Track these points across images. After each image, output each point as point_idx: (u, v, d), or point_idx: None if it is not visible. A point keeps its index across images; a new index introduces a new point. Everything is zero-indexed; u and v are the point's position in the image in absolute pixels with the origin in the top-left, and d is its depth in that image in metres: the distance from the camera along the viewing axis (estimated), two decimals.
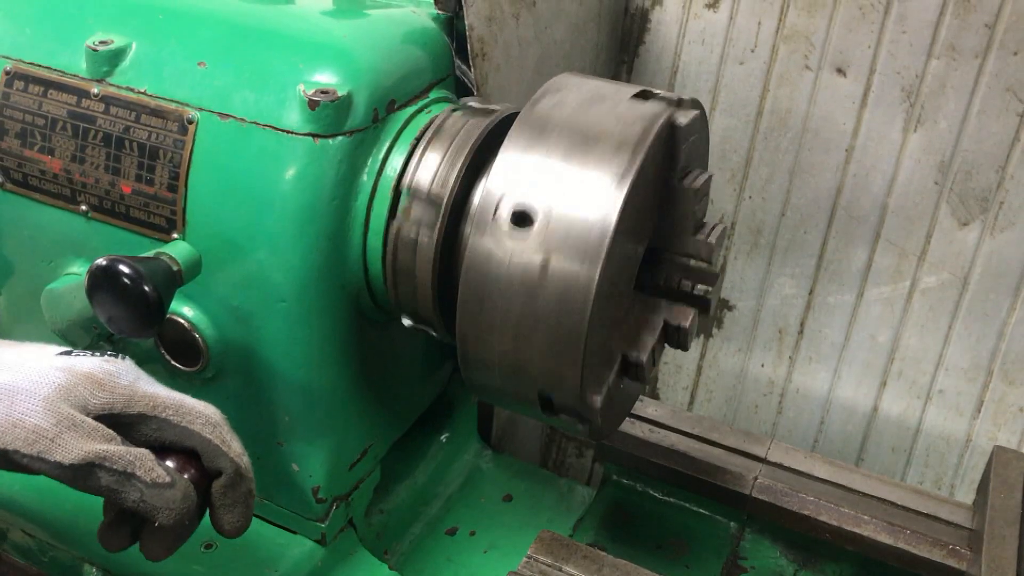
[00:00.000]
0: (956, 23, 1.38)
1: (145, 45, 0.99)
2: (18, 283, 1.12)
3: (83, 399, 0.77)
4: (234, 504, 0.82)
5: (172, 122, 0.95)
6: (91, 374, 0.79)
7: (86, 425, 0.76)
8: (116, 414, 0.79)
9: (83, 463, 0.74)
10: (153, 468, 0.77)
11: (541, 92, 0.91)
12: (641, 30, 1.57)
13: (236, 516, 0.83)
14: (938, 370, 1.59)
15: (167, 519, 0.77)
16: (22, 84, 1.02)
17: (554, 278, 0.82)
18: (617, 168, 0.83)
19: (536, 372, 0.86)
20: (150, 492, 0.76)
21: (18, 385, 0.76)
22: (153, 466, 0.77)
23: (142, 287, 0.83)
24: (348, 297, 0.99)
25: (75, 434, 0.75)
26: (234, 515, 0.83)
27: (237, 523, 0.83)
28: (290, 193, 0.91)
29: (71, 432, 0.75)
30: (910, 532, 1.12)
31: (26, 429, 0.74)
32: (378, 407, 1.12)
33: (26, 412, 0.75)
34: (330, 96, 0.89)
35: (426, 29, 1.05)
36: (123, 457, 0.76)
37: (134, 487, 0.76)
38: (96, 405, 0.78)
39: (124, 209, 0.99)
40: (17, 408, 0.75)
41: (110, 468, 0.75)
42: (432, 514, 1.28)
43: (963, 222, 1.49)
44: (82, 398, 0.77)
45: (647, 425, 1.25)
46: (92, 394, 0.78)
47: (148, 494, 0.76)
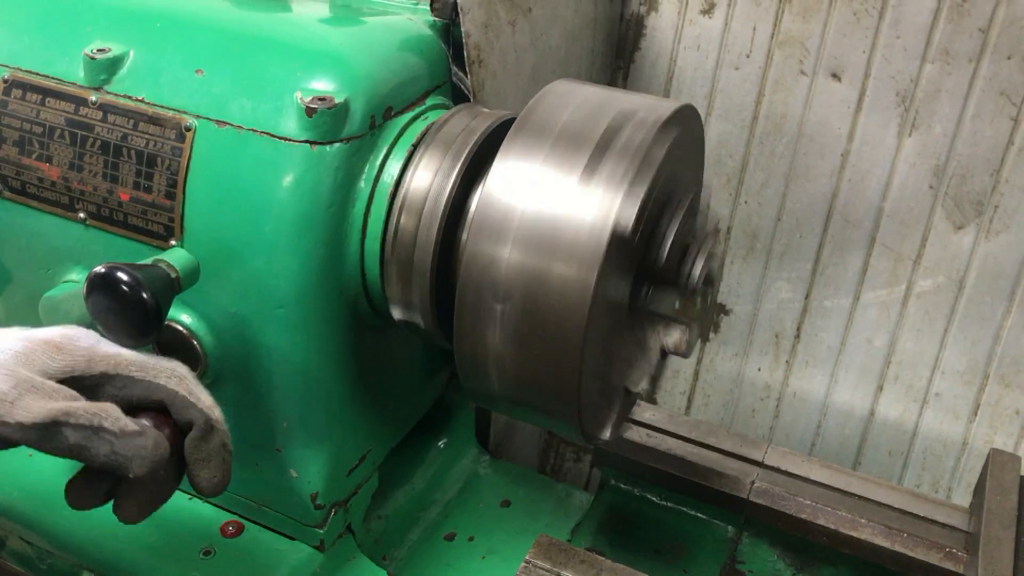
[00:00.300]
0: (950, 28, 1.39)
1: (143, 53, 0.99)
2: (16, 290, 1.12)
3: (43, 363, 0.77)
4: (208, 458, 0.82)
5: (170, 130, 0.95)
6: (49, 339, 0.79)
7: (47, 387, 0.76)
8: (79, 376, 0.79)
9: (47, 422, 0.74)
10: (120, 418, 0.76)
11: (537, 98, 0.91)
12: (637, 36, 1.58)
13: (212, 471, 0.83)
14: (934, 373, 1.59)
15: (141, 467, 0.76)
16: (20, 92, 1.02)
17: (551, 283, 0.83)
18: (615, 174, 0.83)
19: (533, 378, 0.86)
20: (120, 443, 0.75)
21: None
22: (120, 416, 0.77)
23: (140, 294, 0.83)
24: (346, 303, 0.99)
25: (36, 395, 0.75)
26: (210, 470, 0.83)
27: (214, 479, 0.83)
28: (288, 200, 0.92)
29: (32, 394, 0.75)
30: (907, 535, 1.12)
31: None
32: (376, 413, 1.12)
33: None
34: (327, 103, 0.90)
35: (423, 36, 1.05)
36: (87, 410, 0.75)
37: (103, 440, 0.75)
38: (56, 368, 0.78)
39: (122, 217, 0.99)
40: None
41: (76, 424, 0.74)
42: (430, 520, 1.29)
43: (958, 226, 1.49)
44: (41, 362, 0.77)
45: (644, 429, 1.25)
46: (51, 358, 0.78)
47: (118, 445, 0.75)
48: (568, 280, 0.82)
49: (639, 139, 0.85)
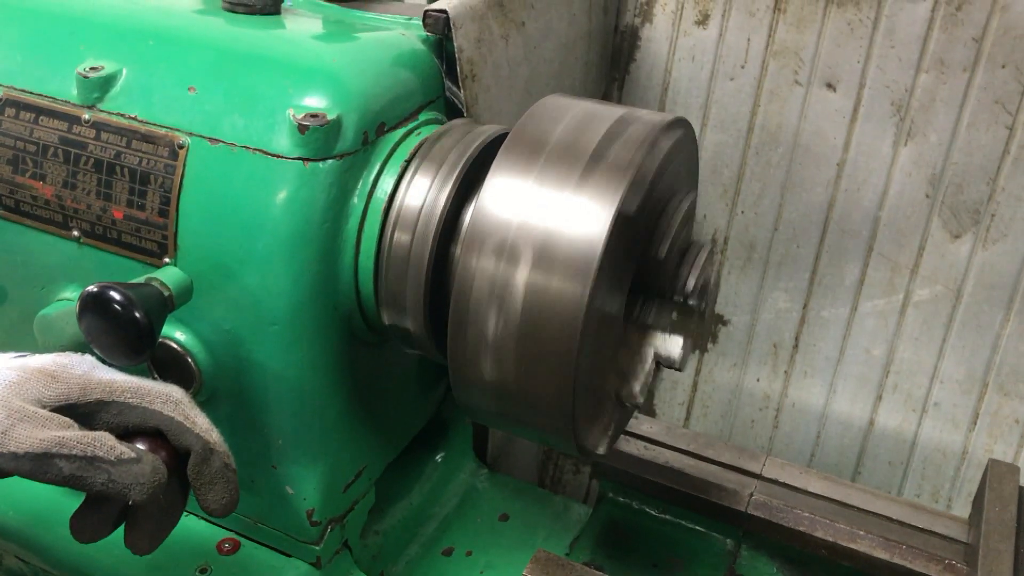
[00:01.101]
0: (944, 37, 1.39)
1: (135, 71, 0.99)
2: (10, 308, 1.12)
3: (37, 392, 0.77)
4: (212, 481, 0.83)
5: (163, 147, 0.95)
6: (43, 368, 0.79)
7: (40, 416, 0.76)
8: (73, 404, 0.79)
9: (40, 452, 0.74)
10: (115, 446, 0.76)
11: (529, 113, 0.91)
12: (631, 47, 1.58)
13: (219, 493, 0.83)
14: (933, 383, 1.59)
15: (139, 494, 0.76)
16: (13, 111, 1.02)
17: (545, 297, 0.83)
18: (607, 188, 0.83)
19: (528, 394, 0.86)
20: (117, 471, 0.75)
21: None
22: (115, 444, 0.77)
23: (133, 314, 0.83)
24: (340, 319, 0.99)
25: (28, 425, 0.75)
26: (216, 492, 0.83)
27: (222, 500, 0.83)
28: (281, 217, 0.91)
29: (24, 423, 0.75)
30: (906, 547, 1.12)
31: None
32: (372, 428, 1.12)
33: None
34: (320, 120, 0.90)
35: (416, 52, 1.05)
36: (81, 441, 0.75)
37: (99, 469, 0.75)
38: (51, 397, 0.78)
39: (116, 234, 0.99)
40: None
41: (69, 455, 0.75)
42: (428, 535, 1.28)
43: (955, 234, 1.49)
44: (36, 391, 0.77)
45: (642, 442, 1.25)
46: (46, 386, 0.78)
47: (115, 473, 0.75)
48: (561, 294, 0.82)
49: (631, 153, 0.85)
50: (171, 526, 0.84)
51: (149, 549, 0.83)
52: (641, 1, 1.55)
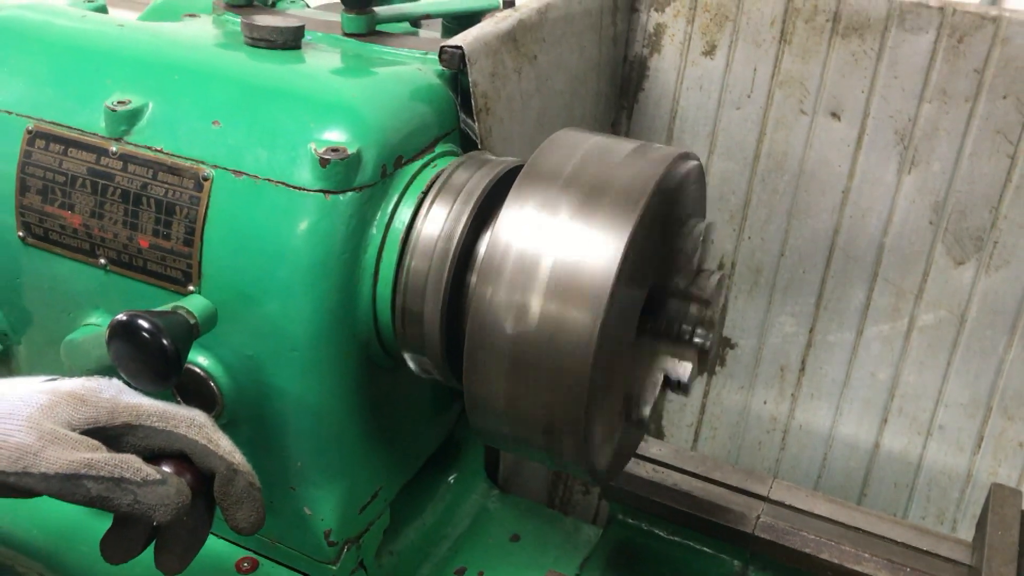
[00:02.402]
0: (946, 68, 1.42)
1: (161, 105, 1.02)
2: (36, 332, 1.15)
3: (67, 415, 0.80)
4: (239, 501, 0.85)
5: (188, 179, 0.98)
6: (73, 391, 0.82)
7: (70, 438, 0.79)
8: (102, 427, 0.82)
9: (69, 473, 0.77)
10: (141, 468, 0.79)
11: (543, 147, 0.94)
12: (640, 77, 1.62)
13: (246, 512, 0.86)
14: (938, 406, 1.61)
15: (164, 515, 0.79)
16: (43, 143, 1.05)
17: (557, 326, 0.85)
18: (618, 218, 0.86)
19: (541, 419, 0.89)
20: (143, 492, 0.78)
21: (2, 411, 0.79)
22: (141, 466, 0.79)
23: (161, 341, 0.86)
24: (358, 345, 1.01)
25: (59, 447, 0.78)
26: (244, 511, 0.86)
27: (250, 519, 0.86)
28: (302, 247, 0.95)
29: (55, 445, 0.78)
30: (910, 569, 1.14)
31: (10, 448, 0.77)
32: (388, 450, 1.14)
33: (9, 432, 0.78)
34: (340, 154, 0.93)
35: (432, 86, 1.09)
36: (108, 463, 0.78)
37: (126, 491, 0.78)
38: (80, 420, 0.81)
39: (141, 263, 1.02)
40: (1, 431, 0.78)
41: (97, 476, 0.77)
42: (441, 555, 1.30)
43: (959, 261, 1.52)
44: (66, 414, 0.80)
45: (651, 465, 1.27)
46: (76, 409, 0.81)
47: (140, 494, 0.78)
48: (574, 323, 0.84)
49: (640, 185, 0.88)
50: (199, 546, 0.87)
51: (179, 569, 0.86)
52: (649, 32, 1.58)
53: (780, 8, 1.48)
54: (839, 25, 1.46)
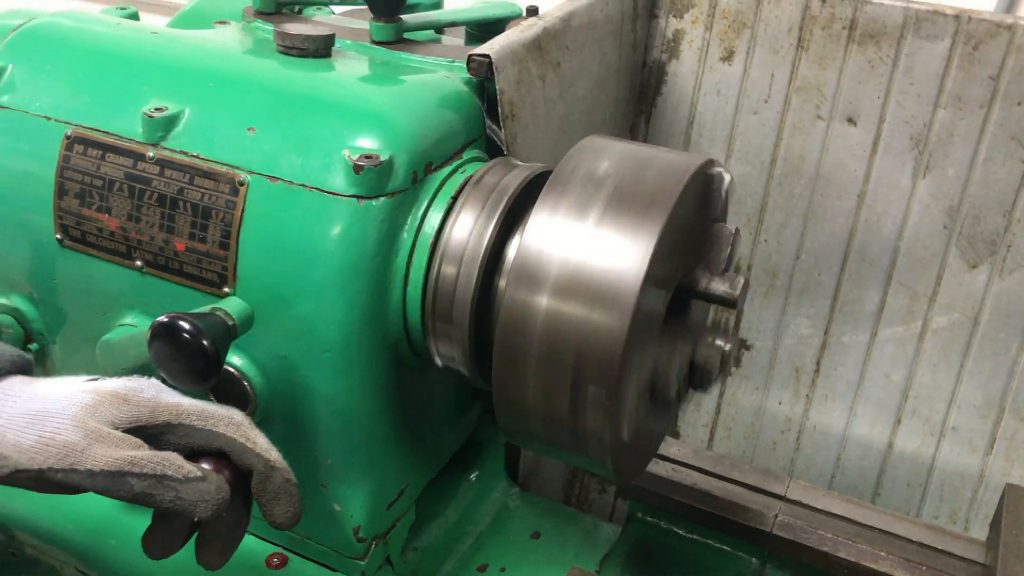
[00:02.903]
0: (961, 75, 1.44)
1: (197, 111, 1.05)
2: (72, 332, 1.18)
3: (110, 414, 0.83)
4: (276, 496, 0.88)
5: (224, 184, 1.01)
6: (116, 391, 0.85)
7: (114, 436, 0.81)
8: (143, 426, 0.84)
9: (114, 470, 0.80)
10: (183, 466, 0.82)
11: (570, 154, 0.96)
12: (658, 82, 1.64)
13: (283, 507, 0.89)
14: (951, 407, 1.63)
15: (205, 511, 0.82)
16: (82, 148, 1.08)
17: (586, 330, 0.88)
18: (646, 224, 0.88)
19: (569, 420, 0.91)
20: (184, 488, 0.81)
21: (48, 410, 0.82)
22: (182, 464, 0.82)
23: (201, 342, 0.89)
24: (388, 346, 1.04)
25: (104, 445, 0.80)
26: (281, 507, 0.89)
27: (288, 513, 0.89)
28: (335, 251, 0.97)
29: (100, 443, 0.80)
30: (926, 568, 1.16)
31: (57, 446, 0.80)
32: (414, 449, 1.17)
33: (56, 431, 0.81)
34: (373, 161, 0.95)
35: (459, 93, 1.11)
36: (151, 460, 0.81)
37: (168, 487, 0.81)
38: (123, 419, 0.83)
39: (178, 265, 1.05)
40: (48, 429, 0.81)
41: (140, 474, 0.80)
42: (463, 551, 1.33)
43: (972, 264, 1.54)
44: (109, 414, 0.83)
45: (670, 464, 1.30)
46: (118, 408, 0.83)
47: (182, 490, 0.81)
48: (601, 326, 0.87)
49: (667, 190, 0.91)
50: (238, 542, 0.90)
51: (219, 564, 0.88)
52: (668, 38, 1.61)
53: (797, 15, 1.51)
54: (856, 32, 1.48)
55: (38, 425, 0.81)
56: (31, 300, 1.18)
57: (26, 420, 0.81)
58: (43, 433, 0.81)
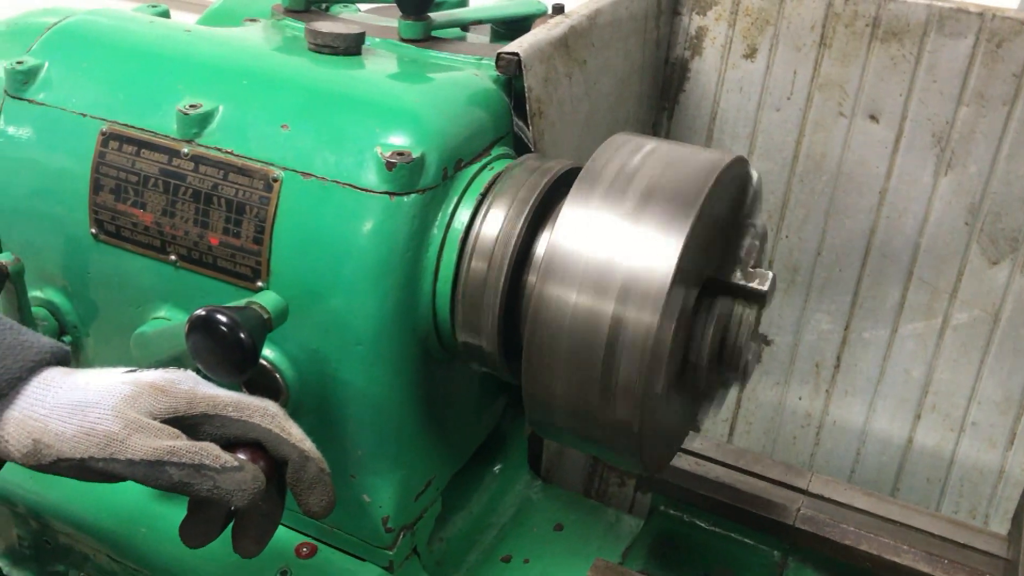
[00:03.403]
0: (984, 72, 1.45)
1: (231, 109, 1.07)
2: (105, 325, 1.20)
3: (148, 405, 0.84)
4: (311, 486, 0.90)
5: (258, 180, 1.03)
6: (154, 383, 0.86)
7: (152, 427, 0.83)
8: (181, 416, 0.86)
9: (153, 460, 0.81)
10: (220, 456, 0.84)
11: (600, 151, 0.98)
12: (681, 79, 1.65)
13: (318, 496, 0.91)
14: (971, 403, 1.64)
15: (241, 500, 0.84)
16: (117, 144, 1.10)
17: (615, 324, 0.89)
18: (675, 220, 0.89)
19: (598, 414, 0.93)
20: (221, 478, 0.83)
21: (89, 400, 0.84)
22: (220, 454, 0.84)
23: (238, 334, 0.91)
24: (418, 340, 1.06)
25: (143, 435, 0.82)
26: (316, 496, 0.90)
27: (322, 503, 0.91)
28: (367, 246, 0.99)
29: (139, 433, 0.82)
30: (947, 561, 1.17)
31: (98, 435, 0.82)
32: (441, 441, 1.19)
33: (97, 420, 0.82)
34: (405, 158, 0.97)
35: (487, 91, 1.13)
36: (190, 450, 0.83)
37: (205, 476, 0.82)
38: (161, 410, 0.85)
39: (211, 259, 1.07)
40: (89, 419, 0.83)
41: (179, 463, 0.82)
42: (488, 542, 1.35)
43: (993, 261, 1.55)
44: (148, 404, 0.84)
45: (693, 458, 1.31)
46: (156, 400, 0.85)
47: (219, 480, 0.83)
48: (633, 322, 0.88)
49: (695, 187, 0.92)
50: (273, 530, 0.92)
51: (256, 552, 0.91)
52: (691, 35, 1.62)
53: (820, 13, 1.51)
54: (878, 30, 1.48)
55: (79, 415, 0.83)
56: (65, 293, 1.20)
57: (68, 410, 0.83)
58: (84, 423, 0.82)
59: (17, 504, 1.25)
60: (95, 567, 1.26)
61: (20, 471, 0.88)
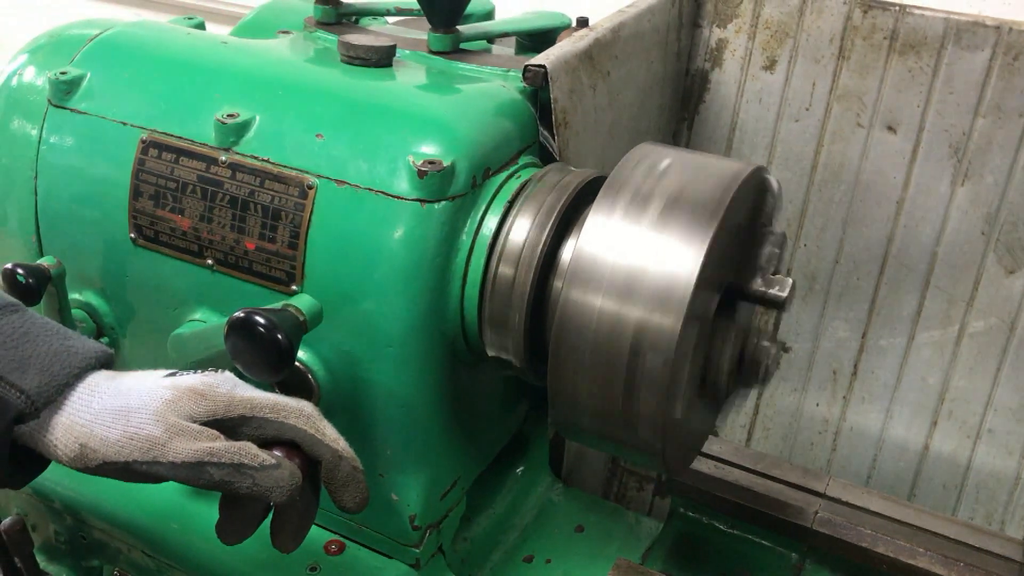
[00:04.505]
0: (1001, 84, 1.47)
1: (267, 118, 1.10)
2: (141, 326, 1.24)
3: (188, 409, 0.88)
4: (345, 484, 0.93)
5: (293, 187, 1.06)
6: (193, 387, 0.89)
7: (192, 429, 0.86)
8: (219, 419, 0.89)
9: (194, 461, 0.85)
10: (258, 454, 0.87)
11: (624, 160, 1.01)
12: (701, 90, 1.68)
13: (351, 493, 0.94)
14: (987, 410, 1.66)
15: (280, 496, 0.87)
16: (156, 152, 1.14)
17: (639, 330, 0.92)
18: (698, 228, 0.92)
19: (622, 416, 0.96)
20: (260, 475, 0.86)
21: (132, 405, 0.87)
22: (257, 452, 0.87)
23: (275, 335, 0.95)
24: (446, 343, 1.09)
25: (184, 438, 0.85)
26: (350, 493, 0.94)
27: (356, 499, 0.94)
28: (399, 251, 1.02)
29: (180, 437, 0.85)
30: (963, 564, 1.19)
31: (141, 439, 0.85)
32: (466, 441, 1.21)
33: (140, 425, 0.86)
34: (436, 166, 1.01)
35: (514, 101, 1.16)
36: (228, 450, 0.86)
37: (245, 475, 0.86)
38: (201, 413, 0.88)
39: (247, 264, 1.10)
40: (132, 424, 0.86)
41: (219, 463, 0.85)
42: (510, 543, 1.37)
43: (1009, 270, 1.57)
44: (187, 408, 0.88)
45: (712, 461, 1.34)
46: (196, 403, 0.88)
47: (258, 477, 0.86)
48: (656, 327, 0.91)
49: (717, 196, 0.95)
50: (309, 525, 0.95)
51: (293, 547, 0.94)
52: (711, 47, 1.65)
53: (839, 26, 1.54)
54: (896, 43, 1.51)
55: (123, 420, 0.86)
56: (104, 296, 1.24)
57: (112, 415, 0.87)
58: (128, 428, 0.86)
59: (54, 501, 1.29)
60: (129, 562, 1.29)
61: (57, 469, 0.92)
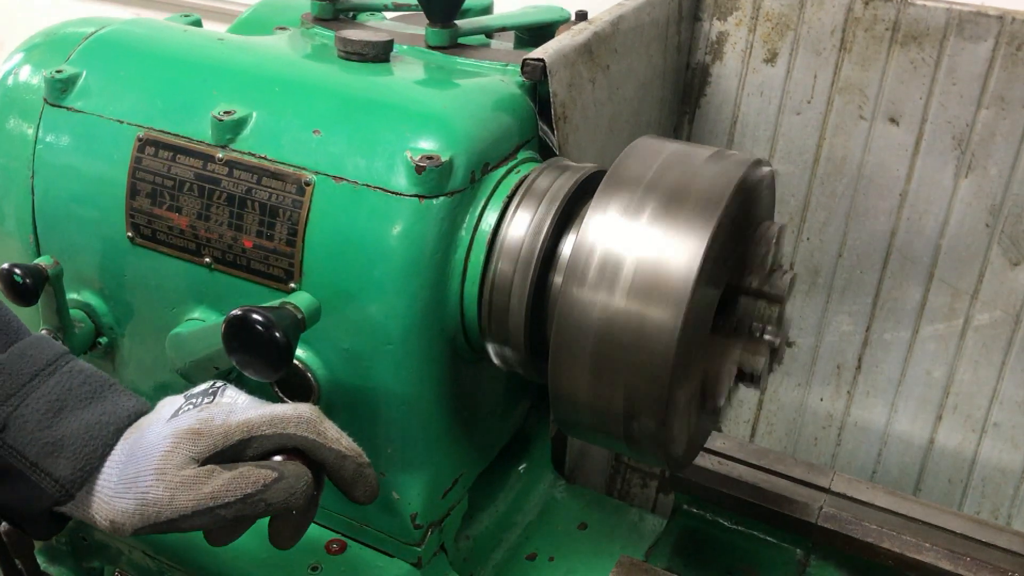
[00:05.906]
0: (1004, 75, 1.46)
1: (264, 115, 1.09)
2: (140, 326, 1.23)
3: (189, 452, 0.88)
4: (353, 481, 0.94)
5: (291, 184, 1.06)
6: (190, 427, 0.90)
7: (191, 478, 0.87)
8: (221, 450, 0.89)
9: (202, 509, 0.86)
10: (257, 478, 0.87)
11: (624, 154, 1.00)
12: (702, 83, 1.67)
13: (361, 488, 0.95)
14: (992, 404, 1.65)
15: (297, 503, 0.88)
16: (153, 150, 1.13)
17: (639, 324, 0.91)
18: (698, 222, 0.91)
19: (623, 411, 0.95)
20: (269, 495, 0.87)
21: (139, 470, 0.88)
22: (256, 475, 0.87)
23: (273, 333, 0.94)
24: (446, 340, 1.08)
25: (185, 491, 0.86)
26: (359, 488, 0.95)
27: (367, 493, 0.95)
28: (397, 248, 1.01)
29: (181, 490, 0.86)
30: (970, 559, 1.18)
31: (150, 504, 0.87)
32: (468, 439, 1.21)
33: (146, 490, 0.87)
34: (434, 162, 1.00)
35: (513, 96, 1.15)
36: (228, 488, 0.86)
37: (255, 503, 0.87)
38: (201, 451, 0.89)
39: (245, 262, 1.09)
40: (140, 490, 0.87)
41: (225, 503, 0.86)
42: (513, 540, 1.37)
43: (1014, 262, 1.56)
44: (187, 452, 0.88)
45: (716, 457, 1.33)
46: (195, 443, 0.89)
47: (268, 497, 0.87)
48: (657, 322, 0.90)
49: (719, 190, 0.94)
50: (308, 522, 0.94)
51: (291, 545, 0.94)
52: (712, 40, 1.64)
53: (840, 17, 1.53)
54: (898, 34, 1.50)
55: (133, 488, 0.88)
56: (102, 295, 1.23)
57: (124, 486, 0.88)
58: (138, 495, 0.87)
59: None
60: (130, 563, 1.29)
61: None
